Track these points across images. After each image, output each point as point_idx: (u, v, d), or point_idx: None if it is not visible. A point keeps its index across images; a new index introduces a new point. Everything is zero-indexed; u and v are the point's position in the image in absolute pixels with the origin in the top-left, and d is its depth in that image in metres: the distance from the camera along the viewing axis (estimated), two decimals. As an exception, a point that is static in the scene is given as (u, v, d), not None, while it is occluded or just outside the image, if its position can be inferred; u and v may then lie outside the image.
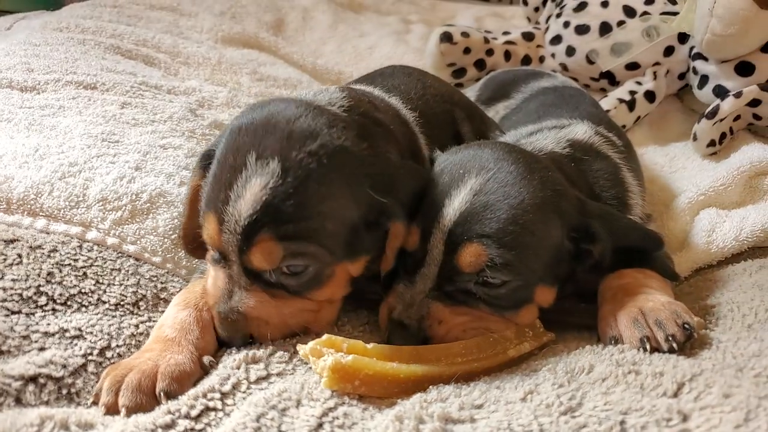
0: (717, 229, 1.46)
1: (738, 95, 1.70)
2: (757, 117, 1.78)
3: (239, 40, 2.24)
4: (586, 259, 1.08)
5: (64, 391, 0.84)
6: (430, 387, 0.87)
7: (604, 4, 2.04)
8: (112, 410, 0.82)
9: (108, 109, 1.49)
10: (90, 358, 0.89)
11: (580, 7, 2.08)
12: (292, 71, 2.11)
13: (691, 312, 1.11)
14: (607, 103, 1.93)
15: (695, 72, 1.89)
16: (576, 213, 1.05)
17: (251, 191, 0.88)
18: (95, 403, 0.84)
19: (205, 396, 0.83)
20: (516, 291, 1.02)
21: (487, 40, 2.17)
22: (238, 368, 0.90)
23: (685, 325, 0.94)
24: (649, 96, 1.95)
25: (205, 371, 0.92)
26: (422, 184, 1.06)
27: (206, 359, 0.93)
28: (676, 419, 0.76)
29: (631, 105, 1.93)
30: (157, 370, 0.86)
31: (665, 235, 1.52)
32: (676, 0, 1.95)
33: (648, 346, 0.93)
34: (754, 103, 1.73)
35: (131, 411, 0.81)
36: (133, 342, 0.98)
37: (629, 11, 2.01)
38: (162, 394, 0.84)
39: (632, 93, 1.94)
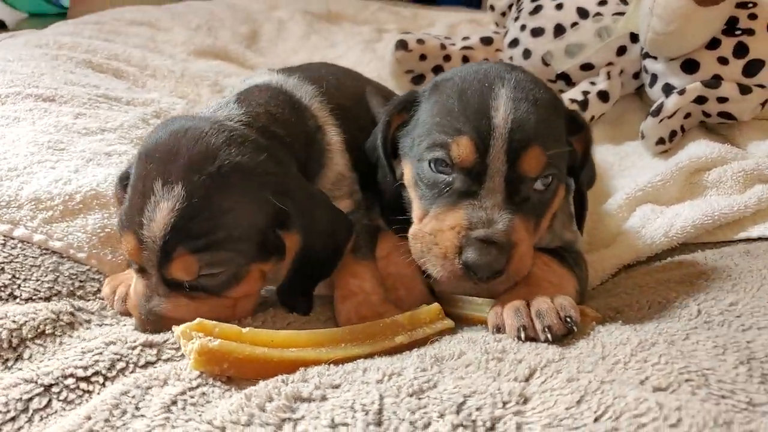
0: (648, 225, 1.47)
1: (681, 92, 1.70)
2: (706, 114, 1.78)
3: (210, 52, 2.33)
4: None
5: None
6: (300, 369, 0.90)
7: (559, 6, 2.06)
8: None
9: (61, 119, 1.56)
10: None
11: (536, 10, 2.10)
12: (256, 81, 2.18)
13: (595, 308, 1.15)
14: (559, 103, 1.94)
15: (646, 71, 1.90)
16: None
17: (161, 214, 0.98)
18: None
19: (87, 380, 0.88)
20: (554, 186, 1.11)
21: (444, 46, 2.21)
22: (133, 350, 0.95)
23: (567, 319, 0.96)
24: (603, 96, 1.95)
25: None
26: (317, 201, 1.13)
27: None
28: (515, 401, 0.79)
29: (583, 105, 1.93)
30: None
31: (600, 231, 1.54)
32: (627, 0, 1.96)
33: (523, 335, 0.96)
34: (701, 100, 1.72)
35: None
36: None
37: (582, 12, 2.02)
38: None
39: (585, 93, 1.95)
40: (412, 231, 1.12)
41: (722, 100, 1.70)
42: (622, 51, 1.98)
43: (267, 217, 1.05)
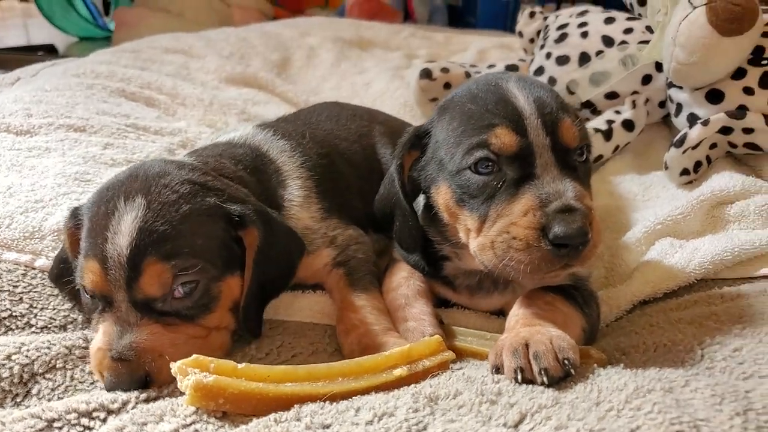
0: (666, 260, 1.43)
1: (705, 123, 1.67)
2: (732, 145, 1.73)
3: (240, 80, 2.39)
4: None
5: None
6: (296, 405, 0.91)
7: (584, 35, 2.05)
8: None
9: (90, 150, 1.64)
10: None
11: (561, 38, 2.09)
12: (284, 109, 2.23)
13: (601, 349, 1.13)
14: (582, 132, 1.92)
15: (671, 100, 1.87)
16: None
17: (126, 225, 1.00)
18: None
19: (89, 414, 0.91)
20: (589, 158, 1.17)
21: (468, 75, 2.21)
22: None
23: (565, 361, 0.95)
24: (628, 125, 1.93)
25: None
26: (267, 211, 1.17)
27: None
28: (499, 447, 0.79)
29: (607, 134, 1.91)
30: None
31: (618, 266, 1.51)
32: (653, 29, 1.93)
33: (520, 377, 0.95)
34: (726, 130, 1.68)
35: None
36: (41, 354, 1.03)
37: (608, 41, 2.01)
38: None
39: (609, 122, 1.93)
40: (476, 246, 1.11)
41: (748, 131, 1.66)
42: (647, 80, 1.96)
43: (223, 221, 1.09)
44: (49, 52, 4.69)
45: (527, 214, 1.03)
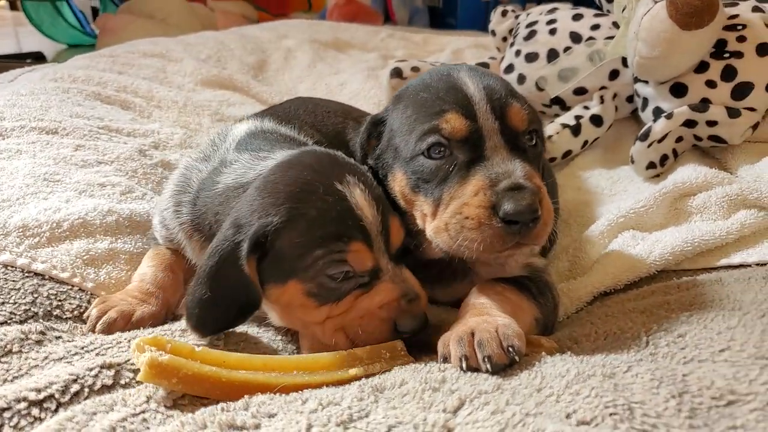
0: (627, 253, 1.45)
1: (669, 116, 1.69)
2: (698, 138, 1.75)
3: (216, 82, 2.41)
4: None
5: None
6: (245, 396, 0.92)
7: (552, 32, 2.07)
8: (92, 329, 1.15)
9: (61, 151, 1.65)
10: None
11: (530, 36, 2.11)
12: (258, 109, 2.24)
13: (556, 339, 1.15)
14: (551, 128, 1.94)
15: (638, 95, 1.89)
16: None
17: (363, 198, 1.09)
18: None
19: (40, 404, 0.92)
20: (539, 142, 1.20)
21: (439, 73, 2.23)
22: (90, 370, 0.97)
23: (510, 348, 0.96)
24: (596, 120, 1.95)
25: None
26: None
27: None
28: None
29: (575, 130, 1.93)
30: (132, 313, 1.17)
31: (581, 259, 1.53)
32: (619, 24, 1.95)
33: (465, 365, 0.96)
34: (690, 123, 1.70)
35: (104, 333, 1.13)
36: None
37: (575, 37, 2.03)
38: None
39: (578, 118, 1.95)
40: (432, 229, 1.14)
41: (711, 123, 1.68)
42: (614, 75, 1.98)
43: None
44: (37, 59, 4.71)
45: (478, 194, 1.06)
